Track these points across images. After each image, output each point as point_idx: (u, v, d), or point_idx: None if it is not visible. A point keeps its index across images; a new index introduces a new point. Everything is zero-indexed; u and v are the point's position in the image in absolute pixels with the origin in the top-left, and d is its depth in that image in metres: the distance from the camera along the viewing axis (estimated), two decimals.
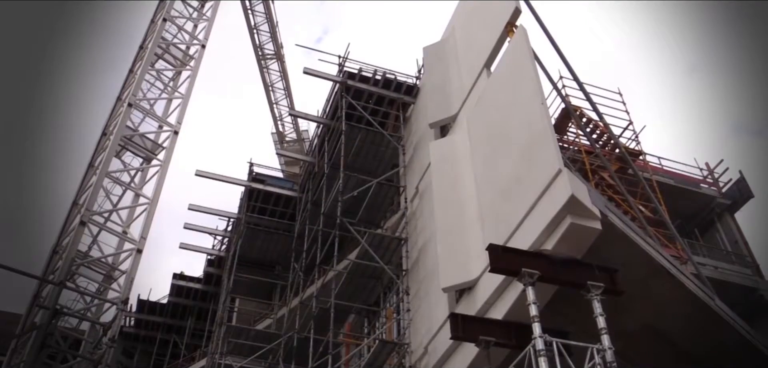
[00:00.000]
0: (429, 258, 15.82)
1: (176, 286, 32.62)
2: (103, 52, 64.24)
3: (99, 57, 56.94)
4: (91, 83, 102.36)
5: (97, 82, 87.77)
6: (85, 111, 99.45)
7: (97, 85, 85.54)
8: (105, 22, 77.57)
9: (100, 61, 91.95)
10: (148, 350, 34.47)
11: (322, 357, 16.60)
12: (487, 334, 11.53)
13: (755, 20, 66.10)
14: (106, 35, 59.19)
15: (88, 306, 26.74)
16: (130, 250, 27.24)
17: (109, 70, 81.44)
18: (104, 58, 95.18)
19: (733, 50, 75.44)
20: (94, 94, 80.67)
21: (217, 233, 31.17)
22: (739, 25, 72.41)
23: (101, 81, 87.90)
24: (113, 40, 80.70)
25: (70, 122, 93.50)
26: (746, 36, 72.09)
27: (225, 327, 20.89)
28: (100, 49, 76.23)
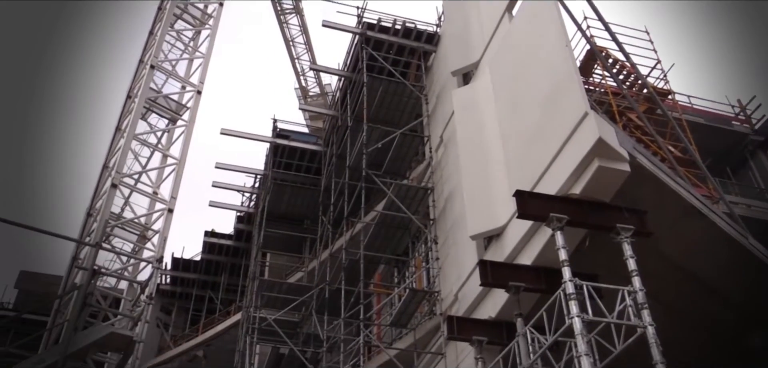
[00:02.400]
0: (456, 207, 15.86)
1: (208, 243, 33.23)
2: (127, 19, 64.43)
3: (123, 24, 57.30)
4: (115, 49, 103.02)
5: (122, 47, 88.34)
6: (112, 76, 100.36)
7: (122, 50, 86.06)
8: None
9: (124, 27, 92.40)
10: (184, 306, 35.38)
11: (354, 308, 16.85)
12: (517, 280, 11.60)
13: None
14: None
15: (124, 266, 27.42)
16: (161, 210, 27.72)
17: (135, 35, 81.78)
18: (128, 24, 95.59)
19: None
20: (119, 58, 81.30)
21: (244, 190, 31.51)
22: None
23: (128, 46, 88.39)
24: (135, 7, 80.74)
25: (99, 88, 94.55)
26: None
27: (257, 282, 21.28)
28: (124, 15, 76.41)
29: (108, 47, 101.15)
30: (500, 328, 12.65)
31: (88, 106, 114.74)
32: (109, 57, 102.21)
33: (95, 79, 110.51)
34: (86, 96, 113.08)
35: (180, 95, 31.32)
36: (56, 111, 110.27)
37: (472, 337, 12.66)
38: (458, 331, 13.06)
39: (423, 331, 16.00)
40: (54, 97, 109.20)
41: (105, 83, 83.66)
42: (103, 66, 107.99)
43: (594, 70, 20.08)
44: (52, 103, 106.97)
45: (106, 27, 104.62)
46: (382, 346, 17.34)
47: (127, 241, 27.43)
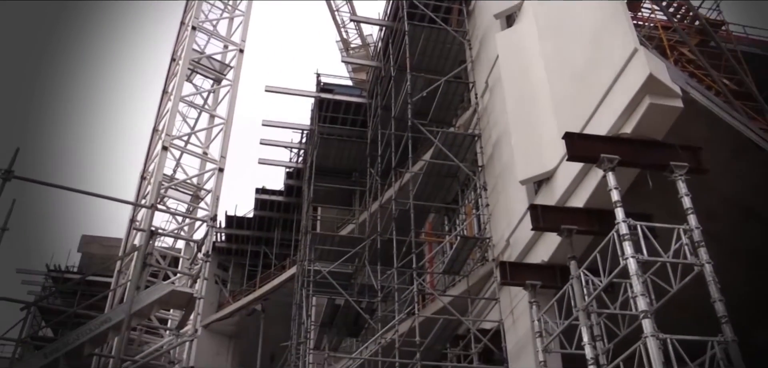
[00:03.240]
0: (504, 152, 15.78)
1: (260, 200, 33.89)
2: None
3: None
4: (161, 12, 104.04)
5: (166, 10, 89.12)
6: (158, 39, 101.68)
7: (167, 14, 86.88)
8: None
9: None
10: (241, 262, 36.34)
11: (406, 257, 17.04)
12: (569, 222, 11.56)
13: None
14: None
15: (180, 226, 28.27)
16: (212, 170, 28.33)
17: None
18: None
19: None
20: (164, 21, 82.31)
21: (292, 146, 31.89)
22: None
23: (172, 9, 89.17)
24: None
25: (146, 53, 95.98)
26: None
27: (310, 236, 21.67)
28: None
29: (153, 11, 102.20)
30: (553, 272, 12.68)
31: (137, 72, 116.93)
32: (155, 20, 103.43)
33: (142, 44, 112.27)
34: (134, 62, 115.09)
35: (223, 55, 31.68)
36: (106, 81, 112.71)
37: (525, 282, 12.74)
38: (511, 276, 13.15)
39: (476, 278, 16.13)
40: (103, 67, 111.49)
41: (152, 46, 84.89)
42: (149, 29, 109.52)
43: (642, 3, 19.47)
44: (102, 73, 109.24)
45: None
46: (436, 294, 17.55)
47: (181, 202, 28.24)
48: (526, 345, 13.22)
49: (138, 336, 23.12)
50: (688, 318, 9.35)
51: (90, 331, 10.56)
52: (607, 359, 10.62)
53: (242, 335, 34.58)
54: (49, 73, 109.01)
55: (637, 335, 8.95)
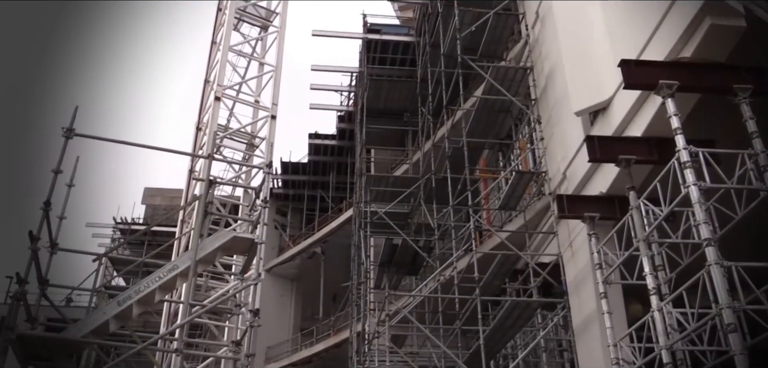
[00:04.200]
0: (557, 84, 15.47)
1: (313, 145, 34.24)
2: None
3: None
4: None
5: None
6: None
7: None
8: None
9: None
10: (298, 207, 37.04)
11: (462, 194, 17.05)
12: (627, 152, 11.37)
13: None
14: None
15: (237, 174, 28.86)
16: (265, 117, 28.65)
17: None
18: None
19: None
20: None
21: (342, 89, 31.94)
22: None
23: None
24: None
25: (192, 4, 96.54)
26: None
27: (365, 178, 21.84)
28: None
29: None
30: (612, 203, 12.54)
31: (186, 24, 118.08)
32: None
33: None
34: (183, 14, 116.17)
35: (268, 2, 31.65)
36: (156, 37, 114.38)
37: (583, 214, 12.65)
38: (569, 209, 13.07)
39: (533, 212, 16.06)
40: (152, 25, 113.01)
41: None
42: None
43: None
44: (151, 30, 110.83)
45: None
46: (493, 230, 17.57)
47: (236, 150, 28.74)
48: (586, 278, 13.19)
49: (204, 282, 23.92)
50: (753, 245, 9.16)
51: (159, 279, 10.99)
52: (669, 288, 10.54)
53: (304, 277, 35.44)
54: (103, 32, 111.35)
55: (700, 264, 8.84)
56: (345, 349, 25.38)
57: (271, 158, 28.51)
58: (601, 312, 11.74)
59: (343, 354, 26.78)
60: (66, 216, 11.29)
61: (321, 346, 30.05)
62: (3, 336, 9.44)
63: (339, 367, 28.92)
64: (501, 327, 14.82)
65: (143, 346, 10.85)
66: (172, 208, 39.34)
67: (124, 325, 10.98)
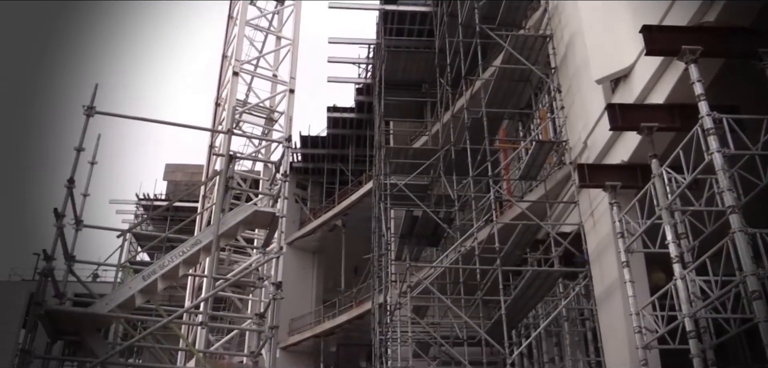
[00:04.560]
0: (577, 52, 15.29)
1: (332, 119, 34.25)
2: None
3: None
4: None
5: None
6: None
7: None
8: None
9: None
10: (318, 180, 37.20)
11: (481, 165, 17.00)
12: (649, 120, 11.22)
13: None
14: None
15: (257, 149, 29.01)
16: (283, 91, 28.67)
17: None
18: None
19: None
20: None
21: (360, 62, 31.84)
22: None
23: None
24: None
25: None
26: None
27: (384, 150, 21.84)
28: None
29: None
30: (634, 171, 12.43)
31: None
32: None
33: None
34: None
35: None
36: (173, 14, 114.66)
37: (605, 183, 12.56)
38: (590, 178, 12.98)
39: (553, 182, 15.98)
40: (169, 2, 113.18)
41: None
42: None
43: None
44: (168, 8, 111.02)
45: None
46: (513, 200, 17.52)
47: (255, 125, 28.85)
48: (608, 246, 13.14)
49: (227, 256, 24.20)
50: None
51: (183, 253, 11.10)
52: (692, 256, 10.47)
53: (325, 250, 35.68)
54: (121, 10, 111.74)
55: (724, 231, 8.76)
56: (367, 320, 25.59)
57: (290, 132, 28.61)
58: (623, 281, 11.70)
59: (365, 325, 27.01)
60: (90, 194, 11.43)
61: (343, 318, 30.32)
62: (32, 312, 9.64)
63: (362, 338, 29.20)
64: (522, 296, 14.85)
65: (169, 320, 11.01)
66: (193, 184, 39.69)
67: (149, 299, 11.15)
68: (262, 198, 24.82)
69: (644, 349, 10.95)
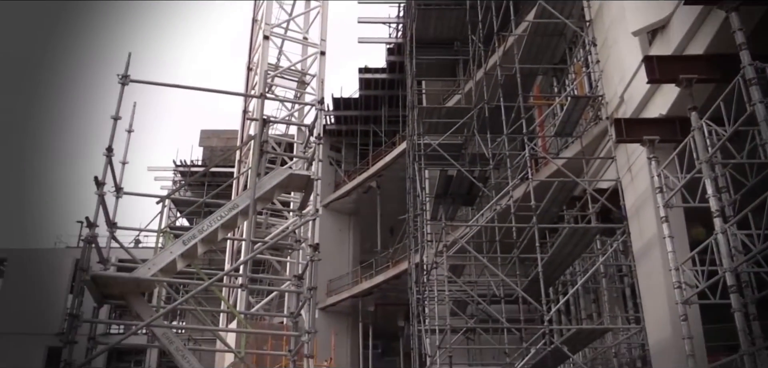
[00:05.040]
0: (613, 4, 14.91)
1: (364, 80, 34.18)
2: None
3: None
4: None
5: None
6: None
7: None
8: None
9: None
10: (351, 142, 37.29)
11: (516, 123, 16.83)
12: (688, 72, 10.96)
13: None
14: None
15: (290, 112, 29.16)
16: (314, 54, 28.66)
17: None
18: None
19: None
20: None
21: (390, 21, 31.60)
22: None
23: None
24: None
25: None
26: None
27: (417, 110, 21.75)
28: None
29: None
30: (673, 125, 12.20)
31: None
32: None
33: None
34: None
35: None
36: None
37: (642, 137, 12.36)
38: (627, 133, 12.78)
39: (589, 137, 15.76)
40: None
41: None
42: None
43: None
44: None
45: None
46: (549, 157, 17.36)
47: (288, 89, 28.96)
48: (646, 202, 12.97)
49: (264, 219, 24.54)
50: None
51: (221, 217, 11.26)
52: (734, 210, 10.27)
53: (361, 212, 35.91)
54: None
55: (767, 184, 8.56)
56: (404, 280, 25.78)
57: (323, 95, 28.70)
58: (662, 237, 11.56)
59: (402, 284, 27.23)
60: (128, 161, 11.63)
61: (380, 278, 30.61)
62: (78, 278, 9.93)
63: (399, 298, 29.48)
64: (559, 254, 14.78)
65: (210, 283, 11.24)
66: (228, 149, 40.12)
67: (190, 263, 11.37)
68: (297, 162, 25.03)
69: (684, 304, 10.86)
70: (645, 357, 13.99)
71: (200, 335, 34.00)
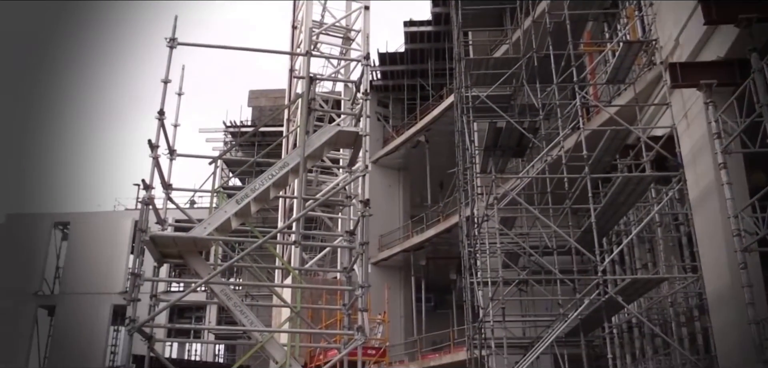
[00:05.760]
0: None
1: (409, 33, 33.88)
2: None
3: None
4: None
5: None
6: None
7: None
8: None
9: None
10: (398, 97, 37.19)
11: (566, 71, 16.49)
12: (748, 11, 10.56)
13: None
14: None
15: (336, 69, 29.19)
16: (358, 9, 28.49)
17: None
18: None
19: None
20: None
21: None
22: None
23: None
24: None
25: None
26: None
27: (464, 62, 21.47)
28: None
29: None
30: (731, 67, 11.78)
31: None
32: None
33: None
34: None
35: None
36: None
37: (699, 82, 11.97)
38: (683, 78, 12.41)
39: (643, 84, 15.34)
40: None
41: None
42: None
43: None
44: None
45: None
46: (601, 105, 16.98)
47: (333, 45, 28.94)
48: (703, 148, 12.61)
49: (315, 177, 24.80)
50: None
51: (272, 176, 11.41)
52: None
53: (410, 167, 35.95)
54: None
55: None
56: (455, 233, 25.80)
57: (368, 50, 28.58)
58: (721, 183, 11.25)
59: (453, 238, 27.27)
60: (180, 124, 11.88)
61: (431, 232, 30.71)
62: (138, 238, 10.27)
63: (450, 251, 29.56)
64: (613, 203, 14.54)
65: (264, 240, 11.45)
66: (276, 108, 40.47)
67: (244, 222, 11.59)
68: (345, 118, 25.14)
69: (743, 252, 10.60)
70: (702, 306, 13.76)
71: (257, 291, 34.88)
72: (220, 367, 42.62)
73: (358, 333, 10.03)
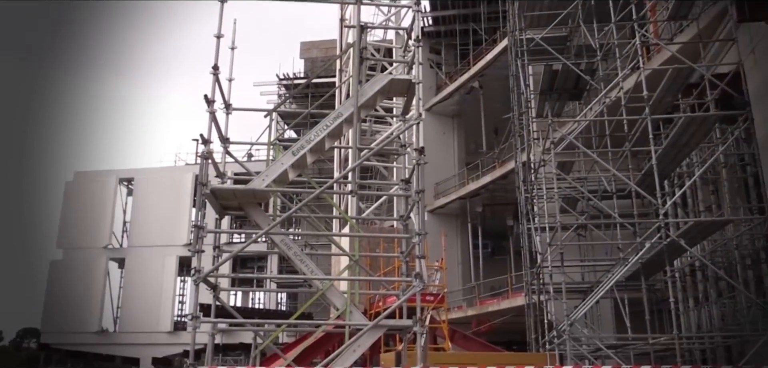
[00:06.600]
0: None
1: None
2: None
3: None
4: None
5: None
6: None
7: None
8: None
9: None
10: (451, 43, 36.70)
11: (625, 9, 15.91)
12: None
13: None
14: None
15: (387, 17, 28.97)
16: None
17: None
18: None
19: None
20: None
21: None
22: None
23: None
24: None
25: None
26: None
27: (517, 3, 20.97)
28: None
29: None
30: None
31: None
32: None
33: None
34: None
35: None
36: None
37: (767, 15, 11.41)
38: (750, 13, 11.90)
39: (707, 19, 14.72)
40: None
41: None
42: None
43: None
44: None
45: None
46: (662, 43, 16.39)
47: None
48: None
49: (369, 126, 24.90)
50: None
51: (327, 127, 11.49)
52: None
53: (464, 113, 35.66)
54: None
55: None
56: (511, 179, 25.60)
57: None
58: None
59: (509, 184, 27.08)
60: (234, 78, 12.04)
61: (487, 178, 30.56)
62: (199, 191, 10.56)
63: (507, 197, 29.39)
64: (675, 145, 14.11)
65: (321, 190, 11.60)
66: (328, 59, 40.54)
67: (301, 173, 11.76)
68: (397, 67, 25.02)
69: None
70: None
71: (315, 240, 35.49)
72: (283, 315, 43.87)
73: (416, 280, 10.13)
